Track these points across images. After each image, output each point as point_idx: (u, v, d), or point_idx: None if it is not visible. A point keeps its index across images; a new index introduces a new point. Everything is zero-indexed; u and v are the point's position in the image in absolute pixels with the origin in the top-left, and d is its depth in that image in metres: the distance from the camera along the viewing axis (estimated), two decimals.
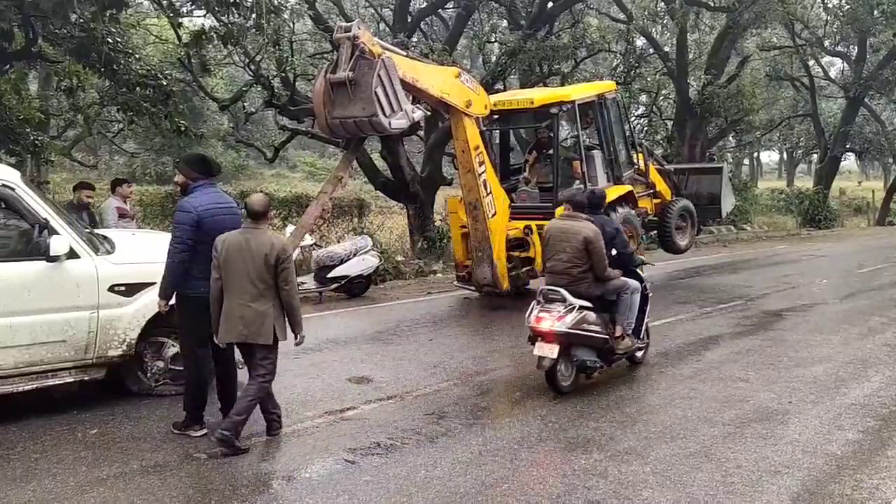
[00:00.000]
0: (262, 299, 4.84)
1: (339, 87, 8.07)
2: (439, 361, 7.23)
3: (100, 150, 30.21)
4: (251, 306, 4.82)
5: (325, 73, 8.25)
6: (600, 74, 22.68)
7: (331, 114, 8.21)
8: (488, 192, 9.61)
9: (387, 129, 8.14)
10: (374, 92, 7.86)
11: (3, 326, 5.26)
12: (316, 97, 8.30)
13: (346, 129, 8.33)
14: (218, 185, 5.66)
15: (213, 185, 5.33)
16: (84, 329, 5.55)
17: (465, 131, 9.39)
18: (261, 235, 4.89)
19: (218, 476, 4.48)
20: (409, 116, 8.31)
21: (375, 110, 7.89)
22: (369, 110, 7.93)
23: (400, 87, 8.19)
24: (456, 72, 9.60)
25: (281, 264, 4.84)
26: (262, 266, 4.80)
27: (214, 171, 5.38)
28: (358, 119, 8.06)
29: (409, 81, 8.51)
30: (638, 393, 6.23)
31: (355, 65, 7.98)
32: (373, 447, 4.98)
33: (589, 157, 10.41)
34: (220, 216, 5.10)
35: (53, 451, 4.87)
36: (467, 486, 4.31)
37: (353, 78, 7.96)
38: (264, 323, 4.85)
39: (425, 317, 9.66)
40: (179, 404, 5.55)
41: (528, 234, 9.96)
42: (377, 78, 7.90)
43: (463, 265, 10.60)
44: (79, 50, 10.04)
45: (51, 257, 5.37)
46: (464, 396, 6.16)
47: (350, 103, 8.04)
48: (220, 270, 4.85)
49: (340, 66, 8.07)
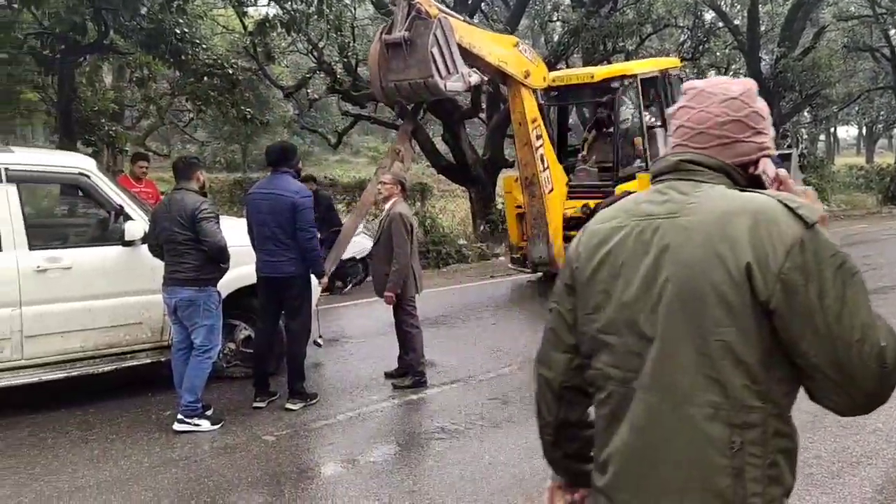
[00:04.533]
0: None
1: (395, 49, 7.86)
2: (503, 345, 7.17)
3: (172, 139, 31.14)
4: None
5: (381, 34, 8.05)
6: (666, 51, 22.01)
7: (386, 77, 7.99)
8: (545, 166, 9.34)
9: (442, 91, 7.85)
10: (429, 52, 7.60)
11: (83, 310, 5.45)
12: (371, 60, 8.13)
13: (402, 94, 8.12)
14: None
15: (277, 173, 5.52)
16: (159, 312, 5.69)
17: (522, 103, 9.12)
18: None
19: (284, 458, 4.55)
20: (466, 80, 8.01)
21: (431, 71, 7.63)
22: (425, 71, 7.68)
23: (456, 48, 7.92)
24: (514, 40, 9.34)
25: None
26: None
27: (269, 159, 5.67)
28: (413, 81, 7.83)
29: (466, 46, 8.24)
30: None
31: (411, 25, 7.76)
32: (437, 431, 4.96)
33: (651, 134, 10.03)
34: (256, 201, 5.48)
35: (129, 432, 5.03)
36: (532, 472, 4.24)
37: (409, 38, 7.72)
38: None
39: (488, 300, 9.61)
40: (249, 386, 5.70)
41: (587, 213, 9.66)
42: (433, 38, 7.65)
43: (518, 247, 10.39)
44: (148, 41, 10.29)
45: (126, 242, 5.53)
46: (527, 381, 6.08)
47: (405, 65, 7.82)
48: (413, 238, 5.88)
49: (396, 27, 7.86)
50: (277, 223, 5.33)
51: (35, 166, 5.50)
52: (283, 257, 5.35)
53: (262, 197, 5.47)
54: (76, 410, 5.40)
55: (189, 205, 5.02)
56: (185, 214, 5.00)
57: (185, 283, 5.04)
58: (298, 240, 5.34)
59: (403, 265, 5.76)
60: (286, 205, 5.32)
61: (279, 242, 5.34)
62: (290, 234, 5.33)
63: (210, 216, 5.02)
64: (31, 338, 5.30)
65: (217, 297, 5.22)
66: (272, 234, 5.35)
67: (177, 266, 5.06)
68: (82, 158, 5.97)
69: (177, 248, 5.05)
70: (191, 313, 5.09)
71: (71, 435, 4.96)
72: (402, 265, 5.75)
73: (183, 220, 5.00)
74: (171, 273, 5.11)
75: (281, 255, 5.35)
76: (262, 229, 5.41)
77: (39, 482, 4.20)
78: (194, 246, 5.01)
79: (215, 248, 4.99)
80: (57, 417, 5.27)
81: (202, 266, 5.05)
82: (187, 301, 5.06)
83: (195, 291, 5.05)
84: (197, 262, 5.02)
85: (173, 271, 5.09)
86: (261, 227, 5.41)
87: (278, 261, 5.36)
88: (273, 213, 5.35)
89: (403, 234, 5.75)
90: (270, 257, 5.38)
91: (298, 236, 5.34)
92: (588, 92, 10.35)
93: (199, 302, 5.06)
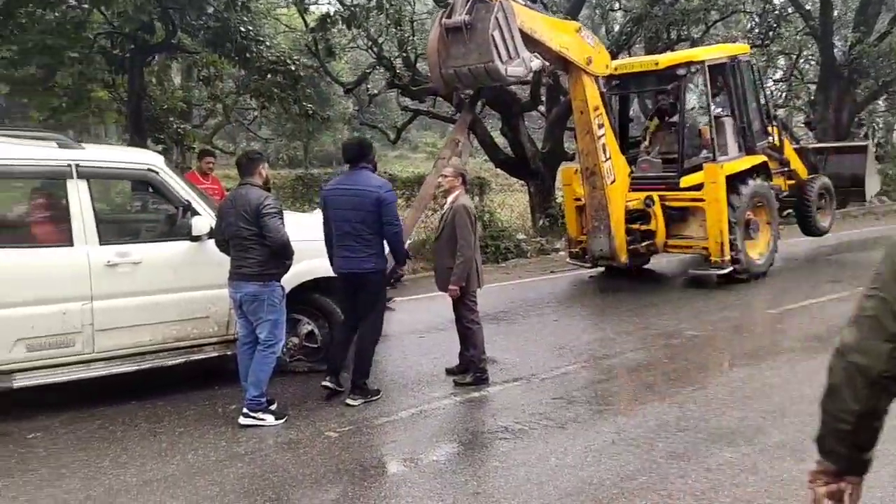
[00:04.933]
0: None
1: (455, 34, 7.72)
2: (565, 343, 7.01)
3: (238, 137, 31.80)
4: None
5: (440, 19, 7.90)
6: (733, 38, 21.26)
7: (445, 64, 7.84)
8: (607, 156, 9.06)
9: (503, 76, 7.63)
10: (490, 35, 7.43)
11: (152, 304, 5.54)
12: (430, 47, 7.97)
13: (461, 80, 7.94)
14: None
15: (356, 169, 5.54)
16: (225, 306, 5.74)
17: (584, 90, 8.88)
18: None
19: (347, 455, 4.52)
20: (527, 65, 7.78)
21: (492, 56, 7.44)
22: (485, 56, 7.50)
23: (518, 33, 7.72)
24: (576, 26, 9.09)
25: None
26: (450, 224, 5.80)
27: (346, 156, 5.65)
28: (473, 67, 7.65)
29: (527, 32, 8.02)
30: (786, 380, 5.75)
31: (472, 8, 7.61)
32: (500, 431, 4.86)
33: (719, 123, 9.62)
34: (335, 197, 5.46)
35: (196, 425, 5.09)
36: (601, 476, 4.10)
37: (470, 22, 7.56)
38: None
39: (548, 296, 9.44)
40: (313, 380, 5.77)
41: (650, 205, 9.32)
42: (494, 21, 7.47)
43: (576, 240, 10.18)
44: (214, 40, 10.46)
45: (193, 237, 5.60)
46: (592, 380, 5.92)
47: (465, 51, 7.65)
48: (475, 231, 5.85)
49: (456, 11, 7.73)
50: (360, 219, 5.33)
51: (105, 162, 5.62)
52: (363, 253, 5.36)
53: (342, 193, 5.44)
54: (146, 403, 5.49)
55: (253, 200, 5.04)
56: (249, 210, 5.02)
57: (250, 278, 5.07)
58: (385, 234, 5.38)
59: (468, 258, 5.68)
60: (371, 200, 5.31)
61: (361, 239, 5.34)
62: (373, 230, 5.34)
63: (273, 211, 5.03)
64: (101, 331, 5.41)
65: (281, 291, 5.23)
66: (353, 229, 5.34)
67: (242, 261, 5.10)
68: (151, 155, 6.07)
69: (242, 244, 5.09)
70: (255, 308, 5.11)
71: (140, 428, 5.04)
72: (467, 258, 5.67)
73: (247, 215, 5.02)
74: (236, 268, 5.15)
75: (361, 252, 5.36)
76: (342, 225, 5.39)
77: (108, 476, 4.27)
78: (258, 241, 5.03)
79: (278, 244, 5.00)
80: (127, 410, 5.37)
81: (266, 261, 5.07)
82: (252, 296, 5.09)
83: (259, 286, 5.07)
84: (261, 258, 5.04)
85: (238, 266, 5.12)
86: (341, 224, 5.40)
87: (358, 257, 5.37)
88: (356, 209, 5.34)
89: (468, 227, 5.67)
90: (351, 253, 5.38)
91: (385, 230, 5.37)
92: (652, 80, 9.98)
93: (263, 297, 5.09)
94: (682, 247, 9.69)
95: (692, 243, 9.45)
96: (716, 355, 6.68)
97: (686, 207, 9.35)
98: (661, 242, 9.36)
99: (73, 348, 5.31)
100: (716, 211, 8.96)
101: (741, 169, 9.35)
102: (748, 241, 9.45)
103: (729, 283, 9.19)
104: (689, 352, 6.63)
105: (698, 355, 6.56)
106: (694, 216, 9.32)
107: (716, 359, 6.58)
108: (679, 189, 9.29)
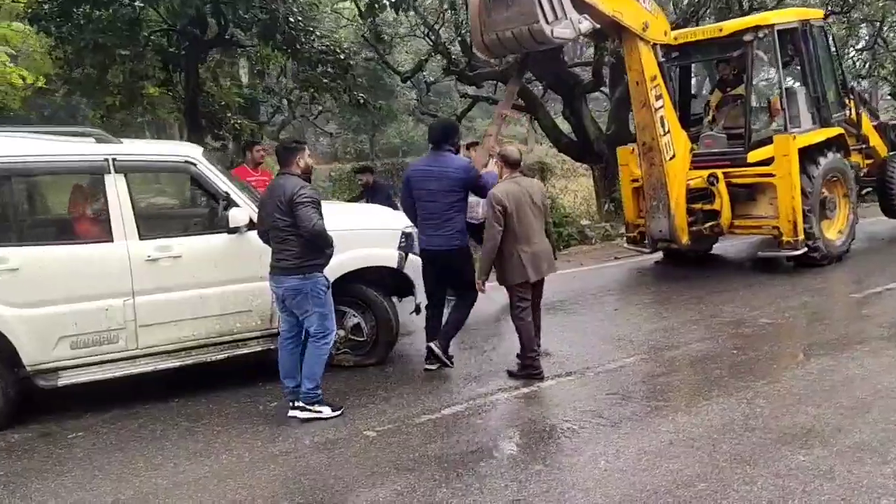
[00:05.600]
0: (544, 236, 5.56)
1: None
2: (624, 333, 6.60)
3: (306, 132, 32.16)
4: (544, 243, 5.52)
5: None
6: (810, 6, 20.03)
7: (487, 28, 7.30)
8: (666, 130, 8.33)
9: (549, 38, 7.02)
10: None
11: (194, 297, 5.47)
12: (472, 12, 7.47)
13: (505, 45, 7.38)
14: None
15: (440, 151, 5.74)
16: (268, 299, 5.61)
17: (639, 59, 8.15)
18: (527, 179, 5.59)
19: (384, 455, 4.29)
20: (575, 27, 7.16)
21: (536, 16, 6.86)
22: (529, 17, 6.92)
23: None
24: None
25: (545, 199, 5.63)
26: (540, 204, 5.48)
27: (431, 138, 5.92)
28: (517, 30, 7.08)
29: None
30: (870, 372, 5.20)
31: None
32: (547, 430, 4.54)
33: (791, 93, 8.84)
34: (419, 179, 5.69)
35: (235, 423, 4.96)
36: (656, 482, 3.74)
37: None
38: (551, 256, 5.62)
39: (610, 284, 8.99)
40: (357, 375, 5.66)
41: (714, 183, 8.56)
42: None
43: (634, 224, 9.49)
44: (264, 32, 10.40)
45: (231, 229, 5.48)
46: (652, 374, 5.52)
47: (508, 14, 7.09)
48: (510, 220, 5.33)
49: None
50: (444, 198, 5.57)
51: (142, 156, 5.57)
52: (451, 230, 5.59)
53: (427, 174, 5.68)
54: (189, 400, 5.41)
55: (288, 190, 4.86)
56: (284, 200, 4.85)
57: (290, 271, 4.91)
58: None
59: (485, 250, 5.43)
60: (456, 180, 5.57)
61: (445, 217, 5.58)
62: (457, 208, 5.63)
63: (306, 201, 4.83)
64: (145, 327, 5.37)
65: (324, 282, 5.04)
66: (437, 208, 5.57)
67: (280, 254, 4.94)
68: (188, 147, 5.98)
69: (279, 235, 4.94)
70: (300, 302, 4.95)
71: (179, 427, 4.94)
72: (485, 250, 5.45)
73: (282, 205, 4.86)
74: (275, 261, 5.00)
75: (448, 229, 5.59)
76: (427, 205, 5.62)
77: (140, 478, 4.17)
78: (294, 232, 4.86)
79: (310, 233, 4.80)
80: (169, 408, 5.30)
81: (305, 253, 4.88)
82: (294, 290, 4.93)
83: (300, 280, 4.90)
84: (298, 249, 4.87)
85: (278, 259, 4.97)
86: (426, 204, 5.63)
87: (444, 234, 5.59)
88: (442, 190, 5.57)
89: (491, 217, 5.36)
90: (436, 232, 5.60)
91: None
92: (715, 48, 9.18)
93: (305, 290, 4.92)
94: (749, 227, 8.96)
95: (761, 223, 8.72)
96: (791, 345, 6.15)
97: (754, 184, 8.62)
98: (726, 223, 8.67)
99: (116, 345, 5.28)
100: (787, 187, 8.24)
101: (816, 141, 8.61)
102: (825, 221, 8.73)
103: (804, 267, 8.52)
104: (761, 342, 6.12)
105: (771, 345, 6.04)
106: (763, 194, 8.60)
107: (790, 349, 6.06)
108: (746, 165, 8.61)
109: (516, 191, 5.38)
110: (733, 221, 8.72)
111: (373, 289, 6.01)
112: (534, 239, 5.45)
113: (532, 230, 5.43)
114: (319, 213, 4.91)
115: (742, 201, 8.73)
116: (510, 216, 5.31)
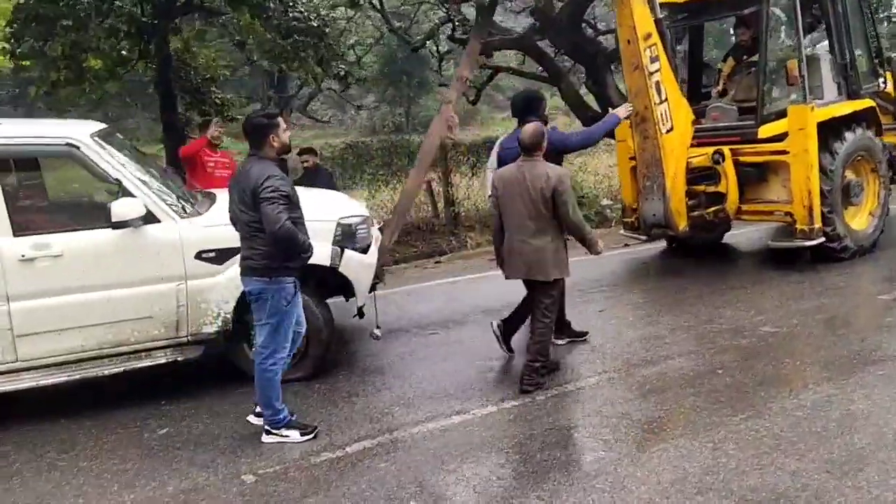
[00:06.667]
0: (540, 235, 4.80)
1: None
2: (601, 343, 5.68)
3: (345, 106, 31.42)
4: (530, 242, 4.82)
5: None
6: None
7: None
8: (662, 98, 7.13)
9: None
10: None
11: (75, 304, 4.76)
12: None
13: None
14: None
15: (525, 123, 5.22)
16: (171, 303, 4.92)
17: (630, 14, 6.96)
18: (536, 167, 4.80)
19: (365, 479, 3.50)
20: None
21: None
22: None
23: None
24: None
25: (559, 197, 4.72)
26: (538, 199, 4.74)
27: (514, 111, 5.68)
28: None
29: None
30: (877, 408, 4.16)
31: None
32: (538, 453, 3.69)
33: (812, 60, 7.56)
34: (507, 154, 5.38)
35: (106, 457, 4.23)
36: None
37: None
38: (541, 259, 4.82)
39: (606, 278, 7.81)
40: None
41: (719, 161, 7.30)
42: None
43: (631, 208, 8.26)
44: None
45: (114, 224, 4.71)
46: (611, 401, 4.59)
47: None
48: (499, 207, 4.97)
49: None
50: None
51: (15, 139, 4.81)
52: None
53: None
54: (72, 421, 4.72)
55: (252, 179, 4.08)
56: (248, 191, 4.08)
57: (255, 271, 4.19)
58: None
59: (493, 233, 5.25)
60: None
61: None
62: None
63: (272, 196, 4.00)
64: (23, 337, 4.71)
65: (292, 290, 4.27)
66: None
67: (246, 251, 4.24)
68: (75, 126, 5.18)
69: (245, 230, 4.22)
70: (258, 307, 4.25)
71: (42, 460, 4.23)
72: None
73: (247, 197, 4.10)
74: (242, 259, 4.30)
75: None
76: None
77: None
78: (261, 228, 4.09)
79: (275, 236, 4.01)
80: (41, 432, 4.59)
81: (274, 253, 4.13)
82: (256, 293, 4.22)
83: (265, 283, 4.18)
84: (266, 249, 4.13)
85: (244, 257, 4.28)
86: None
87: None
88: None
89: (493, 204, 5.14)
90: None
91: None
92: (727, 7, 8.00)
93: (267, 295, 4.19)
94: (760, 213, 7.67)
95: (773, 208, 7.43)
96: (789, 364, 5.07)
97: (766, 163, 7.39)
98: (732, 207, 7.43)
99: None
100: (803, 166, 7.02)
101: (839, 114, 7.38)
102: (850, 207, 7.55)
103: (826, 261, 7.39)
104: (755, 358, 5.11)
105: (765, 364, 5.01)
106: (776, 174, 7.34)
107: (787, 370, 4.98)
108: (757, 141, 7.43)
109: (511, 177, 4.88)
110: (741, 206, 7.50)
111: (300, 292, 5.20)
112: (516, 234, 4.87)
113: (515, 224, 4.87)
114: (290, 208, 4.09)
115: (752, 183, 7.50)
116: (501, 204, 4.96)
